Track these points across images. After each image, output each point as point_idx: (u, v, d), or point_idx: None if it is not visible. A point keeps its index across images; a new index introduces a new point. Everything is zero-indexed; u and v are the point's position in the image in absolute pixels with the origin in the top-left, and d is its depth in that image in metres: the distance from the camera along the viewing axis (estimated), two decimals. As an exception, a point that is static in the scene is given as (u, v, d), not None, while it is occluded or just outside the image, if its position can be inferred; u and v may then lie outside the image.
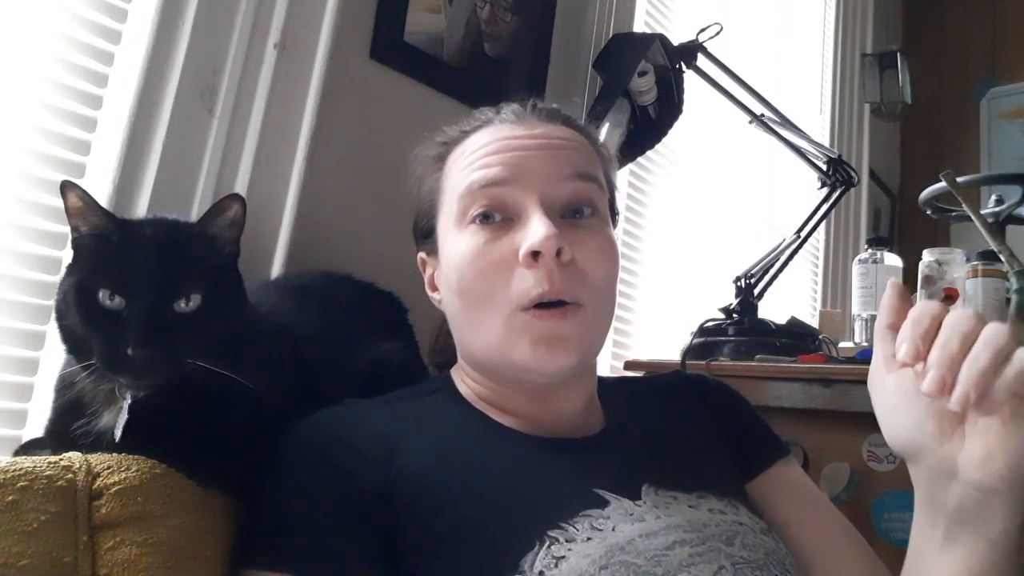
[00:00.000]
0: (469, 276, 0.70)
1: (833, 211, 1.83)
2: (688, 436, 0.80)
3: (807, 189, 1.91)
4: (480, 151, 0.73)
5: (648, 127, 1.52)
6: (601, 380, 0.82)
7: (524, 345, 0.68)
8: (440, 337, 0.89)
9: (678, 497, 0.68)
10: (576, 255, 0.69)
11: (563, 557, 0.60)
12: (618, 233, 1.07)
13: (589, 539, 0.61)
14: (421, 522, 0.63)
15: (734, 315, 1.52)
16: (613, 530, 0.62)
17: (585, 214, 0.73)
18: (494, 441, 0.71)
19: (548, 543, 0.60)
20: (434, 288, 0.80)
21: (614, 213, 0.81)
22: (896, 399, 0.58)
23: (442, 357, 0.89)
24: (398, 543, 0.63)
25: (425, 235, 0.79)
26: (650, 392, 0.86)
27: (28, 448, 0.71)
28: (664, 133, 1.55)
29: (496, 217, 0.71)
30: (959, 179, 1.55)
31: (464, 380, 0.78)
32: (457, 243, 0.72)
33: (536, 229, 0.67)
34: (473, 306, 0.71)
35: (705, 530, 0.65)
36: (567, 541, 0.61)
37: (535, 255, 0.67)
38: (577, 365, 0.70)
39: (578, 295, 0.69)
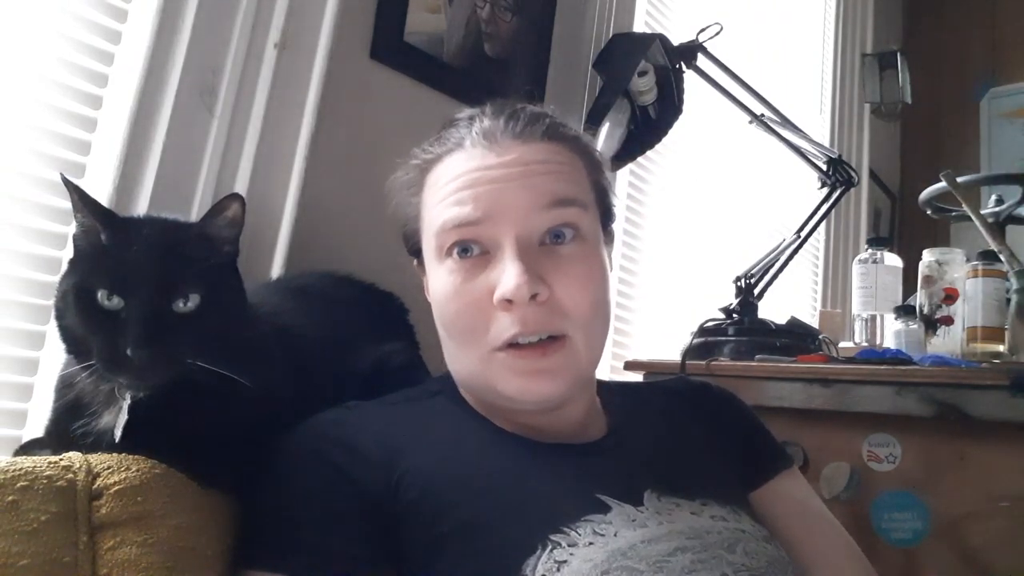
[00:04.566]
0: (449, 313, 0.70)
1: (833, 211, 1.83)
2: (691, 443, 0.80)
3: (807, 189, 1.90)
4: (452, 184, 0.70)
5: (648, 127, 1.52)
6: (604, 384, 0.82)
7: (507, 378, 0.68)
8: None
9: (680, 504, 0.68)
10: (555, 289, 0.67)
11: (565, 561, 0.60)
12: (618, 233, 1.05)
13: (591, 544, 0.61)
14: (424, 526, 0.63)
15: (734, 315, 1.52)
16: (615, 535, 0.62)
17: (567, 238, 0.70)
18: (496, 446, 0.71)
19: (550, 547, 0.60)
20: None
21: (607, 217, 0.78)
22: None
23: None
24: (400, 546, 0.63)
25: (415, 252, 0.79)
26: (653, 398, 0.86)
27: (28, 448, 0.71)
28: (664, 133, 1.55)
29: (474, 250, 0.69)
30: (959, 179, 1.55)
31: None
32: (437, 278, 0.72)
33: (508, 276, 0.65)
34: (455, 339, 0.71)
35: (707, 537, 0.65)
36: (569, 545, 0.61)
37: (508, 301, 0.66)
38: (566, 393, 0.70)
39: (559, 328, 0.68)
